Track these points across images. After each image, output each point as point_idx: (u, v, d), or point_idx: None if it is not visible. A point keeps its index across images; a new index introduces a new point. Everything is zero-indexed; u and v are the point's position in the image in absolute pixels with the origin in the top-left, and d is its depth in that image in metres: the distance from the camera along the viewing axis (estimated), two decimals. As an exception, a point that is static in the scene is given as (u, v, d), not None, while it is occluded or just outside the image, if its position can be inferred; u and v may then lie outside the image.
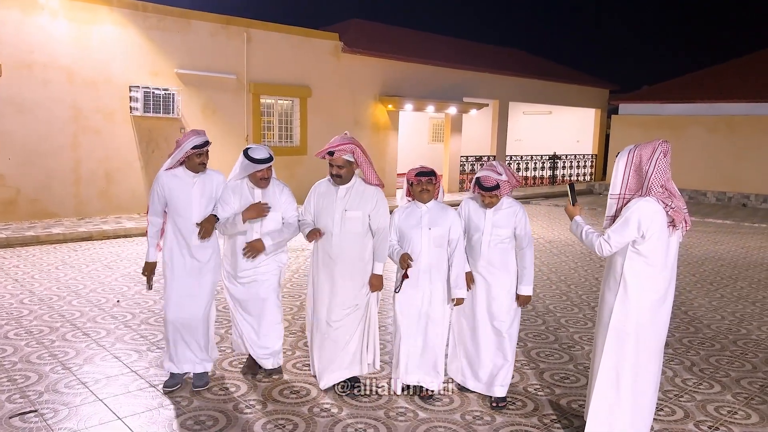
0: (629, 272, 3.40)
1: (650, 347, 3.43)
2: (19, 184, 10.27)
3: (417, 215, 3.98)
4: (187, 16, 11.90)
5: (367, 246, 4.03)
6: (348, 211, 3.95)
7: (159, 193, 4.04)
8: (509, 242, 3.97)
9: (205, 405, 3.93)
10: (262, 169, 4.01)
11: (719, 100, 17.77)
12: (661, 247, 3.36)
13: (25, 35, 10.09)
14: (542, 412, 3.98)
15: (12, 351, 4.78)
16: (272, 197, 4.12)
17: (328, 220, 3.99)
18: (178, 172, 4.04)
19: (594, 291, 7.19)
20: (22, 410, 3.78)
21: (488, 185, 3.82)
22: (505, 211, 3.95)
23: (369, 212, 3.98)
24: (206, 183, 4.08)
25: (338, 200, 3.98)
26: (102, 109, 10.98)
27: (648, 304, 3.40)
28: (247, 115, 12.97)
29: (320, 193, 4.10)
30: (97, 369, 4.47)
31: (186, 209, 4.01)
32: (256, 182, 4.06)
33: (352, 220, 3.95)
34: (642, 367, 3.45)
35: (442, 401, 4.06)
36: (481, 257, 3.97)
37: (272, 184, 4.15)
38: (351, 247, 3.97)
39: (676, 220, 3.31)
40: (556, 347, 5.22)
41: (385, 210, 4.04)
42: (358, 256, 4.00)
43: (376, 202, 4.00)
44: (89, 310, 5.91)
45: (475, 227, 4.00)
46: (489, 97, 18.66)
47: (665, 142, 3.36)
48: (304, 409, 3.89)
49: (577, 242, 10.47)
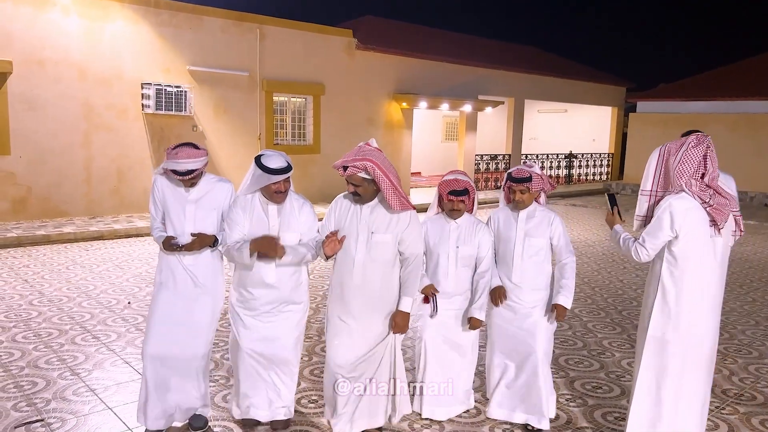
0: (667, 276, 3.19)
1: (694, 359, 3.20)
2: (31, 183, 10.16)
3: (446, 230, 3.64)
4: (199, 13, 11.74)
5: (394, 277, 3.35)
6: (375, 233, 3.26)
7: (157, 198, 3.43)
8: (545, 255, 3.61)
9: (218, 414, 3.73)
10: (278, 182, 3.24)
11: (740, 98, 17.38)
12: (699, 249, 3.13)
13: (36, 32, 9.96)
14: (576, 424, 3.74)
15: (20, 355, 4.62)
16: (289, 215, 3.38)
17: (351, 243, 3.29)
18: (174, 179, 3.37)
19: (618, 293, 6.93)
20: (28, 419, 3.61)
21: (520, 176, 3.54)
22: (539, 218, 3.63)
23: (401, 234, 3.29)
24: (207, 194, 3.40)
25: (362, 220, 3.28)
26: (114, 107, 10.84)
27: (687, 311, 3.16)
28: (259, 112, 12.80)
29: (343, 210, 3.37)
30: (107, 375, 4.29)
31: (179, 221, 3.36)
32: (270, 196, 3.31)
33: (380, 245, 3.26)
34: (686, 379, 3.22)
35: (469, 412, 3.84)
36: (514, 272, 3.59)
37: (290, 198, 3.40)
38: (375, 278, 3.28)
39: (717, 219, 3.08)
40: (585, 354, 4.98)
41: (420, 234, 3.38)
42: (385, 287, 3.32)
43: (408, 224, 3.29)
44: (99, 312, 5.74)
45: (506, 238, 3.65)
46: (504, 95, 18.38)
47: (700, 134, 3.13)
48: (323, 420, 3.68)
49: (597, 243, 10.20)
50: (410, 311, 3.36)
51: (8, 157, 9.91)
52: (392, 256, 3.32)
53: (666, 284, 3.19)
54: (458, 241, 3.61)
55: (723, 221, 3.12)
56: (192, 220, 3.37)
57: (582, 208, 15.45)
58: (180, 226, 3.37)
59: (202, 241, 3.33)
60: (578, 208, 15.42)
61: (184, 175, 3.26)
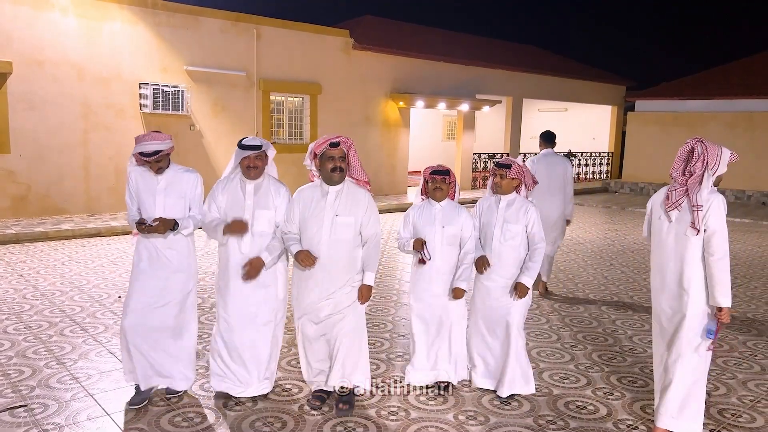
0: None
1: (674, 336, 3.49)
2: (30, 181, 10.37)
3: (431, 213, 4.05)
4: (196, 13, 11.91)
5: (357, 255, 3.73)
6: (339, 216, 3.65)
7: (131, 189, 3.84)
8: (520, 240, 4.00)
9: (193, 402, 3.88)
10: (249, 156, 3.69)
11: (739, 96, 17.40)
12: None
13: (36, 32, 10.16)
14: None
15: (9, 345, 4.79)
16: (265, 195, 3.80)
17: (316, 228, 3.66)
18: (144, 170, 3.80)
19: (603, 290, 7.05)
20: (12, 405, 3.77)
21: (502, 163, 4.00)
22: (517, 207, 4.03)
23: (360, 218, 3.69)
24: (174, 182, 3.79)
25: (328, 206, 3.67)
26: (112, 106, 11.03)
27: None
28: (256, 112, 12.96)
29: (305, 199, 3.74)
30: (92, 364, 4.46)
31: (150, 209, 3.77)
32: (244, 171, 3.75)
33: (344, 226, 3.65)
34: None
35: (436, 401, 3.98)
36: (493, 254, 4.00)
37: (269, 181, 3.85)
38: (341, 257, 3.66)
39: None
40: (558, 346, 5.10)
41: (377, 217, 3.78)
42: (350, 265, 3.70)
43: (367, 208, 3.71)
44: (90, 306, 5.91)
45: (488, 223, 4.08)
46: (502, 94, 18.47)
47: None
48: (293, 407, 3.83)
49: (589, 240, 10.31)
50: (372, 284, 3.77)
51: (8, 156, 10.12)
52: (354, 236, 3.71)
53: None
54: (443, 222, 4.00)
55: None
56: (162, 207, 3.77)
57: (578, 206, 15.52)
58: (151, 213, 3.78)
59: (164, 224, 3.69)
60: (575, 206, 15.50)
61: (151, 156, 3.64)
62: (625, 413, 3.88)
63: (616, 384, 4.34)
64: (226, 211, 3.81)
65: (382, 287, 6.85)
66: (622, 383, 4.35)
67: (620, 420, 3.79)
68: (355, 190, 3.74)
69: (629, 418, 3.81)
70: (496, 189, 4.04)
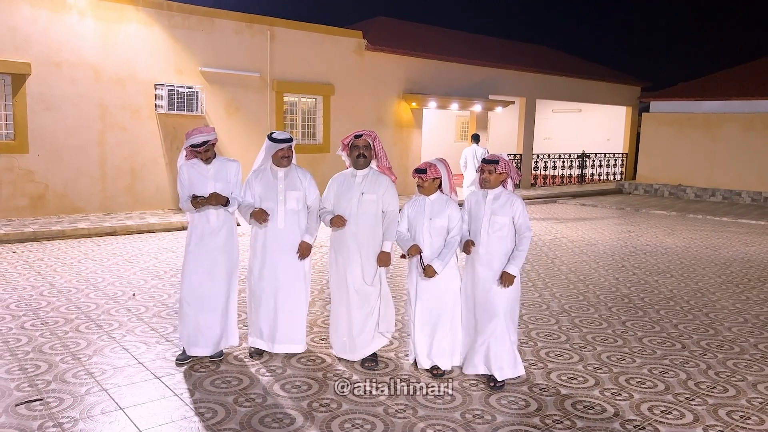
0: None
1: None
2: (48, 180, 10.54)
3: (421, 206, 4.41)
4: (211, 15, 12.05)
5: (379, 227, 4.46)
6: (365, 194, 4.40)
7: (183, 181, 4.48)
8: (507, 231, 4.22)
9: (206, 398, 3.95)
10: (283, 148, 4.46)
11: (755, 97, 17.21)
12: None
13: (53, 34, 10.34)
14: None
15: (26, 341, 4.90)
16: (294, 179, 4.58)
17: (347, 203, 4.43)
18: (195, 162, 4.50)
19: (614, 291, 7.03)
20: (29, 398, 3.87)
21: (490, 159, 4.23)
22: (503, 200, 4.26)
23: (381, 196, 4.42)
24: (220, 170, 4.53)
25: (356, 186, 4.45)
26: (128, 107, 11.19)
27: None
28: (270, 113, 13.07)
29: (339, 182, 4.56)
30: (106, 360, 4.55)
31: (203, 193, 4.42)
32: (277, 162, 4.50)
33: (368, 202, 4.40)
34: None
35: (443, 399, 4.01)
36: (481, 245, 4.24)
37: (294, 169, 4.62)
38: (366, 227, 4.41)
39: None
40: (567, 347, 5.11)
41: (395, 195, 4.51)
42: (373, 234, 4.43)
43: (387, 188, 4.46)
44: (105, 303, 6.02)
45: (476, 216, 4.32)
46: (515, 95, 18.43)
47: None
48: (303, 404, 3.89)
49: (601, 242, 10.27)
50: (390, 251, 4.44)
51: (27, 156, 10.31)
52: (377, 210, 4.44)
53: None
54: (431, 214, 4.33)
55: None
56: (213, 190, 4.45)
57: (591, 207, 15.47)
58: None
59: (217, 198, 4.37)
60: (588, 207, 15.45)
61: (200, 146, 4.36)
62: (632, 414, 3.89)
63: (625, 385, 4.34)
64: (261, 195, 4.55)
65: (397, 288, 6.88)
66: (631, 384, 4.36)
67: (627, 420, 3.80)
68: (378, 175, 4.51)
69: (636, 419, 3.82)
70: (484, 184, 4.28)
